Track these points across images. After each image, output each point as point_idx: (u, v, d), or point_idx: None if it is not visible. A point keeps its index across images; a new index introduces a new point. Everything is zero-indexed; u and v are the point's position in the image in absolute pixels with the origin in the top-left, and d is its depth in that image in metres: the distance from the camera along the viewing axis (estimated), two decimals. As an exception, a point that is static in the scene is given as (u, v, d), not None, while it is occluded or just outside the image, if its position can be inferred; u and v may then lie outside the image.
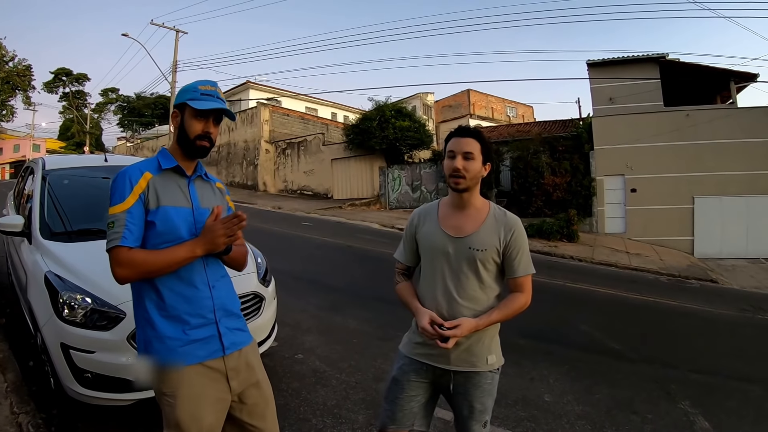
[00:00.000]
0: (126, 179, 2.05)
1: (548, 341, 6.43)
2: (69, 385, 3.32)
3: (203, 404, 2.04)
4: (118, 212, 2.00)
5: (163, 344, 2.03)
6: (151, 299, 2.07)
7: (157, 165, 2.16)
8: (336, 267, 10.49)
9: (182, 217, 2.12)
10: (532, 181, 20.75)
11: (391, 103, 27.51)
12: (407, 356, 2.44)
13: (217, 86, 2.22)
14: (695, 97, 21.94)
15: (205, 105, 2.13)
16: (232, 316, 2.24)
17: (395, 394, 2.41)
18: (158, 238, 2.06)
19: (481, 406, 2.32)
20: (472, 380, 2.32)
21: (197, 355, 2.06)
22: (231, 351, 2.16)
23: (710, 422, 4.49)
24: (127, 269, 1.97)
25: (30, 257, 4.04)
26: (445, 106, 42.83)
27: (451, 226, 2.36)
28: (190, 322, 2.07)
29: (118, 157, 6.08)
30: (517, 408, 4.42)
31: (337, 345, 5.65)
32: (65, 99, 60.39)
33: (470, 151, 2.27)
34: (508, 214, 2.38)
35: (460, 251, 2.30)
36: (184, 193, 2.18)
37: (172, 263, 2.02)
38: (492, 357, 2.35)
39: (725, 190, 18.67)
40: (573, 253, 15.62)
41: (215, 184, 2.42)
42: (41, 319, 3.57)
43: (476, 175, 2.30)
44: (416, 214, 2.57)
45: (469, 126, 2.46)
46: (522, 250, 2.33)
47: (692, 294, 11.82)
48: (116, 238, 1.97)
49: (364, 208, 25.46)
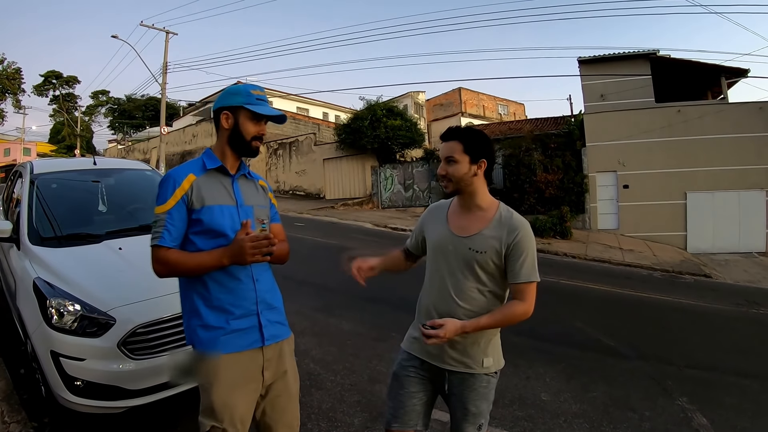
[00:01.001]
0: (170, 182, 2.17)
1: (543, 339, 6.40)
2: (60, 393, 3.26)
3: (237, 393, 2.15)
4: (159, 213, 2.14)
5: (207, 332, 2.16)
6: (197, 290, 2.19)
7: (201, 165, 2.27)
8: (329, 268, 10.38)
9: (226, 215, 2.21)
10: (524, 179, 20.74)
11: (382, 103, 27.54)
12: (406, 351, 2.47)
13: (264, 90, 2.35)
14: (686, 93, 22.06)
15: (267, 110, 2.27)
16: (273, 309, 2.33)
17: (396, 390, 2.42)
18: (205, 235, 2.18)
19: (475, 408, 2.28)
20: (466, 382, 2.29)
21: (237, 344, 2.17)
22: (270, 342, 2.26)
23: (708, 418, 4.49)
24: (162, 266, 2.13)
25: (19, 263, 3.98)
26: (436, 104, 42.81)
27: (456, 225, 2.35)
28: (234, 312, 2.17)
29: (106, 160, 6.02)
30: (514, 408, 4.40)
31: (332, 347, 5.61)
32: (55, 102, 60.28)
33: (451, 155, 2.26)
34: (515, 215, 2.30)
35: (459, 251, 2.28)
36: (228, 191, 2.27)
37: (201, 269, 2.14)
38: (488, 360, 2.30)
39: (717, 185, 18.72)
40: (566, 250, 15.65)
41: (258, 182, 2.50)
42: (31, 327, 3.52)
43: (463, 177, 2.26)
44: (430, 208, 2.61)
45: (455, 126, 2.42)
46: (526, 255, 2.22)
47: (686, 289, 11.86)
48: (156, 237, 2.11)
49: (357, 207, 25.45)
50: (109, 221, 4.62)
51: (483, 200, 2.33)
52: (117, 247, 3.94)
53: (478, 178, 2.28)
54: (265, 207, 2.43)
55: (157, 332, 3.28)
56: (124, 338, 3.17)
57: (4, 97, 47.33)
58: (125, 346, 3.18)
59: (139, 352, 3.22)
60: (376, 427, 3.87)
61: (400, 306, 7.30)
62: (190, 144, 39.60)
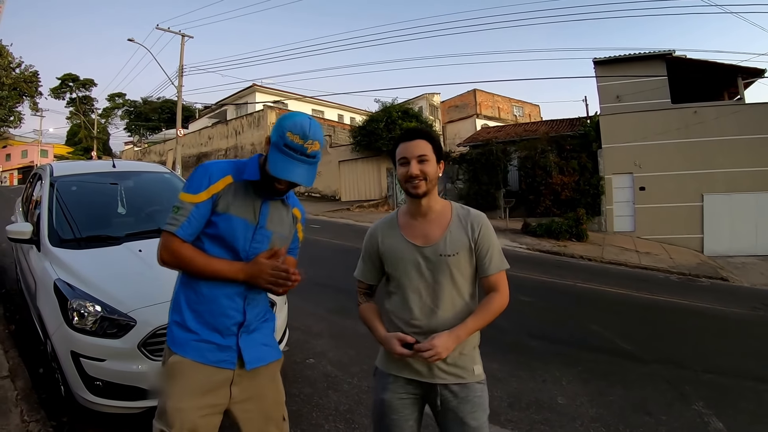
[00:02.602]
0: (206, 174, 2.08)
1: (559, 342, 6.38)
2: (79, 393, 3.31)
3: (192, 401, 2.02)
4: (186, 201, 2.04)
5: (181, 332, 2.09)
6: (189, 288, 2.12)
7: (241, 171, 2.15)
8: (346, 270, 10.29)
9: (242, 230, 2.12)
10: (540, 181, 20.66)
11: (397, 105, 27.57)
12: (390, 374, 2.27)
13: (309, 135, 1.99)
14: (702, 93, 21.87)
15: (277, 170, 1.99)
16: (258, 332, 2.23)
17: (389, 416, 2.24)
18: (214, 240, 2.09)
19: (475, 422, 2.15)
20: (460, 394, 2.17)
21: (206, 356, 2.07)
22: (252, 366, 2.15)
23: (725, 423, 4.44)
24: (169, 256, 2.04)
25: (39, 265, 4.03)
26: (451, 106, 42.69)
27: (416, 236, 2.24)
28: (212, 323, 2.09)
29: (126, 163, 6.07)
30: (530, 411, 4.38)
31: (349, 349, 5.62)
32: (72, 104, 60.76)
33: (424, 154, 2.15)
34: (472, 211, 2.28)
35: (430, 260, 2.19)
36: (254, 209, 2.15)
37: (212, 274, 2.06)
38: (478, 367, 2.23)
39: (734, 187, 18.54)
40: (582, 253, 15.54)
41: (292, 210, 2.37)
42: (51, 327, 3.56)
43: (434, 177, 2.18)
44: (375, 228, 2.44)
45: (416, 127, 2.42)
46: (491, 246, 2.21)
47: (703, 292, 11.74)
48: (174, 225, 2.02)
49: (372, 209, 25.45)
50: (128, 223, 4.66)
51: (437, 202, 2.27)
52: (137, 249, 3.97)
53: (437, 182, 2.23)
54: (286, 237, 2.30)
55: (177, 334, 3.28)
56: (144, 339, 3.21)
57: (22, 99, 47.72)
58: (145, 347, 3.21)
59: (158, 353, 3.22)
60: (393, 430, 3.86)
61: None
62: (205, 146, 39.84)
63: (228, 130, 37.45)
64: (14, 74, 44.83)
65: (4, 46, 41.82)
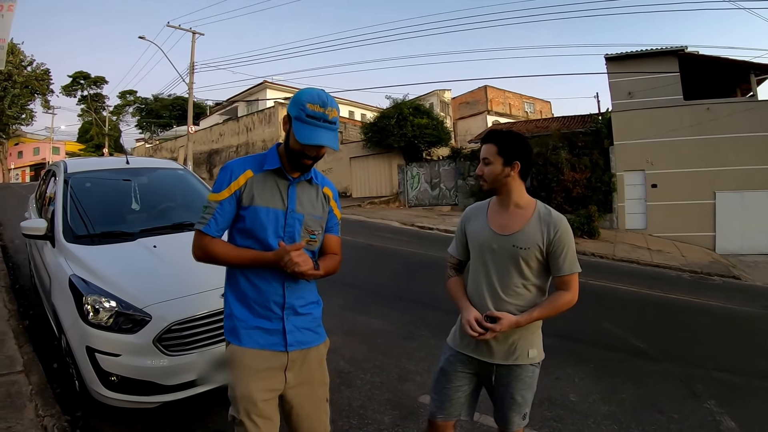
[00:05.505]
0: (228, 173, 2.19)
1: (572, 340, 6.35)
2: (94, 387, 3.33)
3: (252, 384, 2.14)
4: (212, 200, 2.17)
5: (231, 323, 2.23)
6: (233, 283, 2.26)
7: (261, 163, 2.24)
8: (357, 266, 10.41)
9: (271, 219, 2.19)
10: (551, 178, 20.49)
11: (408, 101, 27.51)
12: (453, 348, 2.54)
13: (327, 103, 2.09)
14: (715, 90, 21.63)
15: (305, 138, 2.07)
16: (303, 316, 2.30)
17: (443, 384, 2.53)
18: (243, 233, 2.20)
19: (521, 398, 2.42)
20: (513, 373, 2.40)
21: (257, 341, 2.19)
22: (294, 348, 2.24)
23: (736, 422, 4.42)
24: (201, 253, 2.18)
25: (53, 260, 4.05)
26: (462, 102, 42.65)
27: (497, 224, 2.43)
28: (257, 310, 2.20)
29: (139, 160, 6.08)
30: (543, 408, 4.37)
31: (362, 345, 5.63)
32: (83, 102, 61.17)
33: (486, 157, 2.39)
34: (554, 212, 2.41)
35: (504, 248, 2.37)
36: (281, 195, 2.23)
37: (245, 264, 2.19)
38: (533, 351, 2.42)
39: (747, 184, 18.39)
40: (594, 250, 15.49)
41: (323, 189, 2.40)
42: (66, 323, 3.59)
43: (496, 177, 2.38)
44: (468, 210, 2.67)
45: (494, 129, 2.56)
46: (567, 249, 2.35)
47: (715, 291, 11.67)
48: (202, 223, 2.15)
49: (384, 206, 25.49)
50: (142, 219, 4.67)
51: (520, 199, 2.42)
52: (152, 245, 3.99)
53: (512, 179, 2.39)
54: (320, 218, 2.33)
55: (192, 329, 3.32)
56: (160, 335, 3.22)
57: (33, 97, 47.80)
58: (160, 342, 3.23)
59: (173, 349, 3.26)
60: (407, 425, 3.88)
61: (428, 304, 7.35)
62: (216, 143, 39.97)
63: (239, 126, 37.52)
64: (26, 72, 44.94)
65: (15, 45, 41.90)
